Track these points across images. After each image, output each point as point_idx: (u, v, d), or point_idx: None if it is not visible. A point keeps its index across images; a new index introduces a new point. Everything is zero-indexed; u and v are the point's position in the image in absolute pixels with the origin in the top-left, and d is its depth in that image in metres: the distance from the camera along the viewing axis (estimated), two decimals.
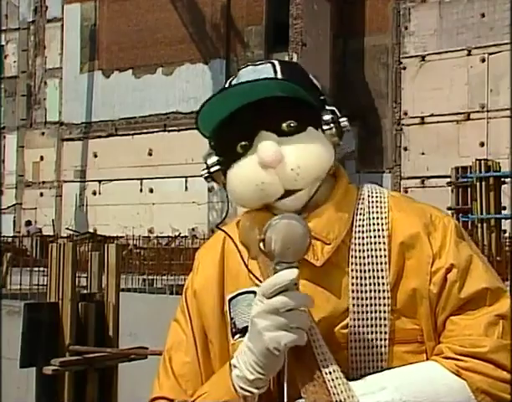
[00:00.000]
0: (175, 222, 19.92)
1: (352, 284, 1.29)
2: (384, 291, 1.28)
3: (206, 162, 1.38)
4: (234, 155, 1.33)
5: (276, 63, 1.38)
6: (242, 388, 1.23)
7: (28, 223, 22.39)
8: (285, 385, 1.21)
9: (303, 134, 1.32)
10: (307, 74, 1.42)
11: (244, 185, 1.32)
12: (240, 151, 1.33)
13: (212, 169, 1.37)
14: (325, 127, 1.33)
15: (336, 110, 1.36)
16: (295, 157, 1.29)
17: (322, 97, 1.38)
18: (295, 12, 18.40)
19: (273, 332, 1.17)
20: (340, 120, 1.35)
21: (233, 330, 1.34)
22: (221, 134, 1.35)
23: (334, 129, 1.33)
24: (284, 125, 1.31)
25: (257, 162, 1.30)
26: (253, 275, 1.30)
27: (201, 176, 1.40)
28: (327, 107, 1.36)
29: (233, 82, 1.37)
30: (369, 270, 1.29)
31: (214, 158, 1.37)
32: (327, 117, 1.33)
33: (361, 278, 1.29)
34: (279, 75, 1.35)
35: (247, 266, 1.30)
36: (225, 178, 1.36)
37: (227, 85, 1.37)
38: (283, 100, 1.31)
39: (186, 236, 18.51)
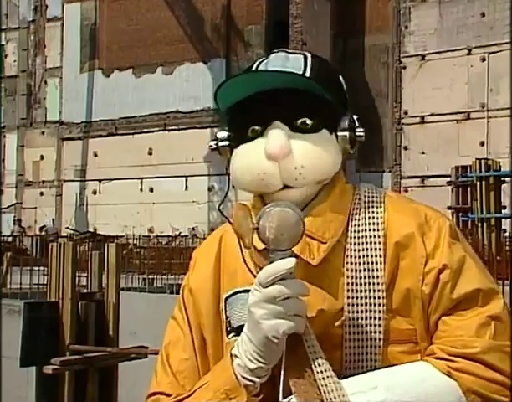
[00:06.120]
0: (175, 221, 19.91)
1: (347, 283, 1.29)
2: (379, 290, 1.28)
3: (216, 135, 1.38)
4: (245, 137, 1.34)
5: (309, 56, 1.38)
6: (243, 377, 1.23)
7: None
8: (282, 373, 1.20)
9: (315, 135, 1.31)
10: (336, 75, 1.42)
11: (246, 171, 1.32)
12: (251, 135, 1.33)
13: (220, 143, 1.38)
14: (339, 133, 1.33)
15: (356, 119, 1.35)
16: (302, 157, 1.29)
17: (345, 101, 1.38)
18: (295, 12, 18.39)
19: (271, 321, 1.17)
20: (357, 129, 1.34)
21: (228, 329, 1.34)
22: (236, 112, 1.36)
23: (348, 137, 1.33)
24: (299, 121, 1.31)
25: (263, 150, 1.30)
26: (247, 266, 1.29)
27: (209, 147, 1.40)
28: (347, 113, 1.35)
29: (261, 66, 1.36)
30: (364, 270, 1.29)
31: (225, 133, 1.38)
32: (345, 124, 1.33)
33: (357, 278, 1.29)
34: (308, 71, 1.34)
35: (243, 256, 1.29)
36: (231, 155, 1.37)
37: (254, 67, 1.37)
38: (304, 95, 1.31)
39: (186, 235, 18.50)
